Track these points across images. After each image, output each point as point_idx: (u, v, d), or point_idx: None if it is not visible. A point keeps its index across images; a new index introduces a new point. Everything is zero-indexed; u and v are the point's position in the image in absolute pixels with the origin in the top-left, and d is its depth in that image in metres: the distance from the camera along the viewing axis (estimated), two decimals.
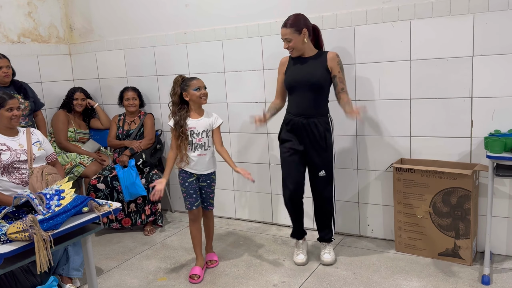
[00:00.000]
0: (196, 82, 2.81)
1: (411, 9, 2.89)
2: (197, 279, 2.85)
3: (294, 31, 2.73)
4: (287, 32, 2.74)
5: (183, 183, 2.89)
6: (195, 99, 2.81)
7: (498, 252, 2.92)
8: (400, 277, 2.73)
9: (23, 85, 3.71)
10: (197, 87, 2.80)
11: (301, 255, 3.01)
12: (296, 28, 2.73)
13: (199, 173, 2.90)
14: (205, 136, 2.86)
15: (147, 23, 3.98)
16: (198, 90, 2.80)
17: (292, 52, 2.81)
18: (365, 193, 3.30)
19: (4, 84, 3.55)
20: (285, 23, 2.76)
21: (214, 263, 3.06)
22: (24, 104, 3.62)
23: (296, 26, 2.73)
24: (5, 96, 2.73)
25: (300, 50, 2.79)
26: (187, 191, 2.89)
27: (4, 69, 3.49)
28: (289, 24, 2.73)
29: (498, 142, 2.49)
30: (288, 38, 2.74)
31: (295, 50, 2.79)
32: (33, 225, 1.65)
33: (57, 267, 2.71)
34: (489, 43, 2.73)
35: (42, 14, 4.26)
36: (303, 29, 2.74)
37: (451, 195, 2.82)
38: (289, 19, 2.76)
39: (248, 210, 3.85)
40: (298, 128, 2.83)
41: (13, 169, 2.69)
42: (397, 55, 3.00)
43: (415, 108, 3.01)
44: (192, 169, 2.88)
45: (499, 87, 2.75)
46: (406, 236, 3.03)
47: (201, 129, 2.85)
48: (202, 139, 2.85)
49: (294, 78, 2.82)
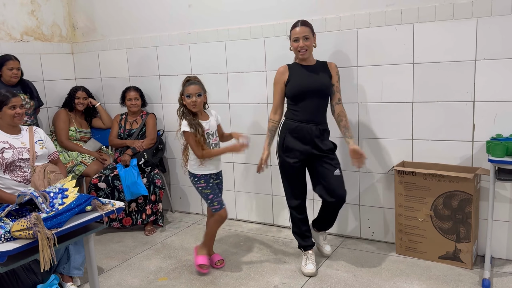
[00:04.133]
0: (188, 88, 2.79)
1: (415, 12, 2.90)
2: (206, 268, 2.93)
3: (311, 31, 2.76)
4: (306, 30, 2.73)
5: (206, 186, 2.87)
6: (187, 106, 2.82)
7: (499, 256, 2.93)
8: (401, 280, 2.74)
9: (29, 84, 3.75)
10: (189, 93, 2.78)
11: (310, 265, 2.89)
12: (311, 29, 2.77)
13: (216, 171, 2.94)
14: (216, 135, 2.93)
15: (150, 23, 3.99)
16: (189, 97, 2.78)
17: (305, 53, 2.76)
18: (366, 196, 3.30)
19: (11, 84, 3.58)
20: (302, 22, 2.76)
21: (222, 262, 3.06)
22: (29, 104, 3.65)
23: (311, 27, 2.77)
24: (8, 94, 2.74)
25: (310, 53, 2.80)
26: (213, 191, 2.89)
27: (14, 71, 3.56)
28: (307, 24, 2.76)
29: (500, 146, 2.49)
30: (307, 35, 2.73)
31: (308, 50, 2.77)
32: (37, 223, 1.65)
33: (58, 266, 2.71)
34: (492, 47, 2.73)
35: (45, 12, 4.26)
36: (315, 34, 2.81)
37: (452, 198, 2.82)
38: (302, 20, 2.78)
39: (248, 211, 3.85)
40: (308, 134, 2.77)
41: (15, 167, 2.69)
42: (400, 58, 3.00)
43: (417, 111, 3.02)
44: (211, 170, 2.89)
45: (501, 91, 2.75)
46: (407, 239, 3.03)
47: (214, 129, 2.91)
48: (217, 138, 2.93)
49: (304, 85, 2.76)
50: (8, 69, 3.52)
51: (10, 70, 3.52)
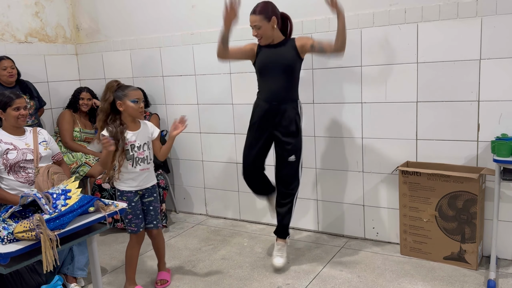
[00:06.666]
0: (135, 93, 2.53)
1: (419, 11, 2.89)
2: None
3: (263, 18, 2.72)
4: (256, 19, 2.72)
5: (128, 204, 2.54)
6: (131, 112, 2.54)
7: (504, 256, 2.91)
8: (405, 280, 2.72)
9: (28, 84, 3.77)
10: (136, 99, 2.52)
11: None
12: (265, 16, 2.72)
13: (144, 187, 2.63)
14: (147, 149, 2.62)
15: (154, 24, 3.99)
16: (136, 102, 2.52)
17: (261, 40, 2.79)
18: (371, 196, 3.29)
19: (10, 84, 3.60)
20: (254, 10, 2.74)
21: (165, 283, 2.84)
22: (30, 104, 3.66)
23: (265, 13, 2.72)
24: (12, 96, 2.75)
25: (269, 38, 2.78)
26: (133, 211, 2.60)
27: (8, 69, 3.56)
28: (258, 11, 2.72)
29: (505, 146, 2.47)
30: (257, 25, 2.73)
31: (263, 37, 2.77)
32: (40, 224, 1.66)
33: (62, 267, 2.72)
34: (497, 46, 2.71)
35: (49, 14, 4.28)
36: (272, 16, 2.74)
37: (457, 198, 2.80)
38: (257, 6, 2.74)
39: (252, 212, 3.84)
40: (269, 113, 2.82)
41: (20, 168, 2.70)
42: (404, 57, 2.99)
43: (421, 111, 3.00)
44: (135, 186, 2.60)
45: (506, 90, 2.73)
46: (411, 240, 3.01)
47: (142, 141, 2.60)
48: (144, 152, 2.60)
49: (265, 61, 2.80)
50: (2, 69, 3.54)
51: (4, 70, 3.54)
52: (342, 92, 3.23)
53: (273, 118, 2.83)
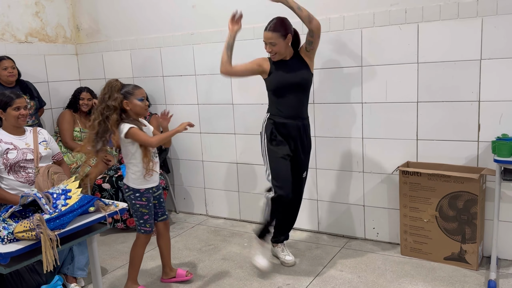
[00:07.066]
0: (141, 91, 2.57)
1: (419, 12, 2.88)
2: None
3: (279, 36, 2.67)
4: (273, 36, 2.67)
5: (146, 205, 2.61)
6: (139, 110, 2.55)
7: (505, 257, 2.90)
8: (406, 281, 2.72)
9: (28, 84, 3.77)
10: (142, 97, 2.55)
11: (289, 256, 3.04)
12: (281, 33, 2.68)
13: (157, 182, 2.69)
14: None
15: (154, 24, 3.99)
16: (142, 100, 2.55)
17: (275, 56, 2.75)
18: (371, 196, 3.28)
19: (10, 84, 3.61)
20: (269, 26, 2.69)
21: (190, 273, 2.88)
22: (30, 104, 3.66)
23: (281, 31, 2.68)
24: (12, 95, 2.75)
25: (283, 54, 2.76)
26: (150, 211, 2.63)
27: (9, 69, 3.57)
28: (274, 29, 2.68)
29: (506, 146, 2.47)
30: (273, 42, 2.69)
31: (278, 54, 2.73)
32: (40, 224, 1.66)
33: (62, 267, 2.72)
34: (498, 46, 2.71)
35: (50, 14, 4.28)
36: (288, 34, 2.70)
37: (458, 199, 2.80)
38: (273, 24, 2.70)
39: (252, 212, 3.84)
40: (294, 132, 2.79)
41: (20, 168, 2.70)
42: (404, 58, 2.99)
43: (422, 111, 3.00)
44: (154, 182, 2.65)
45: (507, 91, 2.73)
46: (411, 240, 3.01)
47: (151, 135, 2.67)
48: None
49: (283, 81, 2.76)
50: (3, 69, 3.54)
51: (5, 70, 3.55)
52: (342, 92, 3.23)
53: (300, 136, 2.82)
